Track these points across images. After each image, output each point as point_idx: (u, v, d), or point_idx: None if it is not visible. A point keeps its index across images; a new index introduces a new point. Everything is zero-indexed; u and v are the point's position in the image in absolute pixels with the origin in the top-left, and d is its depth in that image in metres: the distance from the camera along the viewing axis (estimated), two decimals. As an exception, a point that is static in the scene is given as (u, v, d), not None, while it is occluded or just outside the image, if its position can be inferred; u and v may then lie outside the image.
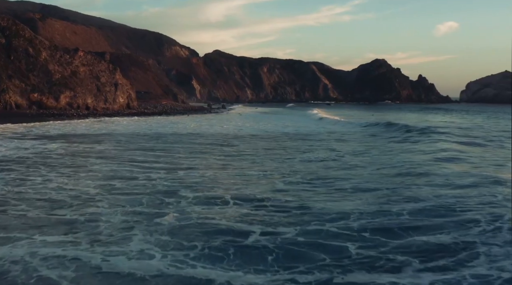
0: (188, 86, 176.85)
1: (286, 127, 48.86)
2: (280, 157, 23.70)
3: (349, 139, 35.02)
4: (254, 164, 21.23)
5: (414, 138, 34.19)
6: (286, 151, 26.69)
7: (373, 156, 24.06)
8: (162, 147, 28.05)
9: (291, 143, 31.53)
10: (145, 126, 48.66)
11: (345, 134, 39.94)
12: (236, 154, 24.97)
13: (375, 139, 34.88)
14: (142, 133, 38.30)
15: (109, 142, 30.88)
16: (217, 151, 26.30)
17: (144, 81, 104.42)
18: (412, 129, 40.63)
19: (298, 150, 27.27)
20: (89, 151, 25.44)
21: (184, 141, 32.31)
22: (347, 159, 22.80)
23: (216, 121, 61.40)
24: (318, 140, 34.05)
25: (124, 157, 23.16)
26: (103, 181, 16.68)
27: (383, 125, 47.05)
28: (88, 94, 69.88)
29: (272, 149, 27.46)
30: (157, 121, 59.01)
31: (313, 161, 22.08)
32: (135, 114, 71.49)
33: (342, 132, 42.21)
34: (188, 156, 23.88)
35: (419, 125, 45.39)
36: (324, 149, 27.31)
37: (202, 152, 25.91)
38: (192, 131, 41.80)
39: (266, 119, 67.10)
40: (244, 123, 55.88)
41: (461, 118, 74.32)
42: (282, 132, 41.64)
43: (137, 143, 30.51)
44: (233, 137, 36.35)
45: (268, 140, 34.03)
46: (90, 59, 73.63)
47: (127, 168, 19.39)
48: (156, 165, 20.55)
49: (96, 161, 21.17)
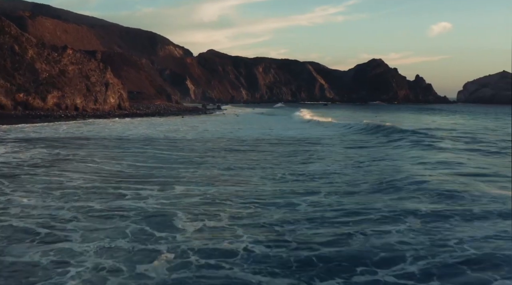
0: (182, 86, 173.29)
1: (288, 130, 45.68)
2: (294, 166, 20.51)
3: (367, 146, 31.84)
4: (266, 176, 18.03)
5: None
6: (297, 158, 23.48)
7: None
8: (155, 155, 24.77)
9: (300, 148, 28.32)
10: (137, 129, 45.34)
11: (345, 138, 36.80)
12: (243, 163, 21.75)
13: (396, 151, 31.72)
14: (132, 138, 34.98)
15: (94, 148, 27.54)
16: (220, 160, 23.06)
17: (137, 80, 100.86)
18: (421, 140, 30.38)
19: (311, 156, 24.09)
20: (69, 160, 22.10)
21: (181, 147, 29.01)
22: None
23: (212, 123, 58.15)
24: (327, 145, 30.86)
25: (109, 168, 19.91)
26: (81, 201, 13.47)
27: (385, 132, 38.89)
28: (77, 94, 66.38)
29: (283, 156, 24.25)
30: (149, 123, 55.67)
31: (328, 175, 18.86)
32: (127, 115, 68.04)
33: (343, 136, 39.05)
34: (187, 167, 20.62)
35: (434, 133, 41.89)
36: (339, 159, 24.11)
37: (202, 161, 22.69)
38: (188, 135, 38.52)
39: (264, 121, 63.89)
40: (244, 125, 52.68)
41: (472, 119, 69.96)
42: (287, 136, 38.43)
43: (126, 149, 27.19)
44: (237, 141, 33.08)
45: (278, 145, 30.80)
46: (80, 58, 70.10)
47: (112, 184, 16.14)
48: (148, 179, 17.36)
49: (74, 175, 17.85)
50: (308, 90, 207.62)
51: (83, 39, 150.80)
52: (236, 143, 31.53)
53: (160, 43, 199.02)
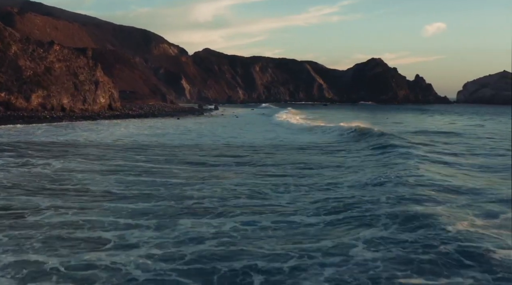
0: (177, 86, 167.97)
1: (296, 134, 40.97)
2: (323, 183, 15.81)
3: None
4: (299, 199, 13.37)
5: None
6: (326, 172, 18.74)
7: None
8: (150, 168, 20.01)
9: (321, 157, 23.58)
10: (128, 132, 40.48)
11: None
12: (262, 180, 17.04)
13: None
14: (122, 144, 30.14)
15: (74, 157, 22.71)
16: (231, 174, 18.37)
17: (130, 79, 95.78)
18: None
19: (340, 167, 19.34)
20: (40, 176, 17.35)
21: (181, 157, 24.23)
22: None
23: (213, 125, 53.39)
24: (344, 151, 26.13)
25: (89, 188, 15.27)
26: (41, 252, 8.91)
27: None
28: (64, 93, 61.30)
29: (307, 169, 19.52)
30: (142, 125, 50.80)
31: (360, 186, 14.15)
32: (118, 116, 63.09)
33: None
34: (191, 184, 16.00)
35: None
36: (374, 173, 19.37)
37: (210, 175, 17.99)
38: (188, 140, 33.70)
39: (268, 123, 59.17)
40: (248, 128, 47.94)
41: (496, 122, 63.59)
42: (299, 141, 33.66)
43: (113, 159, 22.41)
44: (247, 149, 28.32)
45: (294, 153, 26.06)
46: (67, 54, 65.01)
47: (90, 217, 11.48)
48: (141, 204, 12.78)
49: (43, 201, 13.13)
50: (306, 90, 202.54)
51: (74, 37, 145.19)
52: (248, 151, 26.72)
53: (155, 41, 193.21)
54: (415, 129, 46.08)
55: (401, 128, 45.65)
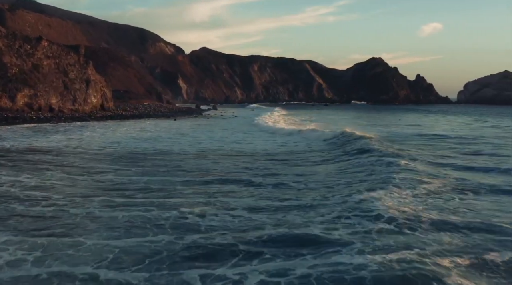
0: (173, 86, 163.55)
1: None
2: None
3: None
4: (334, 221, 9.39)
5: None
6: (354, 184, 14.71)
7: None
8: (145, 186, 15.97)
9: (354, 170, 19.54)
10: (120, 135, 36.39)
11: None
12: (284, 202, 13.05)
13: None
14: (114, 151, 26.04)
15: (53, 171, 18.63)
16: (246, 193, 14.39)
17: (124, 78, 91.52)
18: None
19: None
20: (4, 198, 13.35)
21: (183, 167, 20.18)
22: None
23: (214, 128, 49.32)
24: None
25: (66, 216, 11.54)
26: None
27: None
28: (53, 92, 57.08)
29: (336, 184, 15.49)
30: (136, 127, 46.68)
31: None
32: (111, 117, 58.97)
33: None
34: (196, 206, 12.12)
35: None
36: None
37: (219, 192, 13.98)
38: (189, 145, 29.63)
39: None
40: (253, 132, 43.90)
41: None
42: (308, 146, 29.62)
43: (101, 173, 18.35)
44: (259, 157, 24.28)
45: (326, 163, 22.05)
46: (57, 51, 60.77)
47: (59, 267, 7.83)
48: (130, 242, 9.11)
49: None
50: (306, 90, 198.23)
51: (67, 35, 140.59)
52: (261, 161, 22.63)
53: (151, 40, 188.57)
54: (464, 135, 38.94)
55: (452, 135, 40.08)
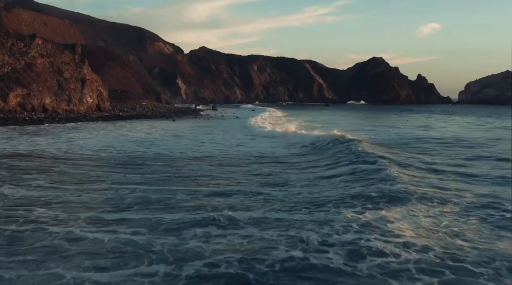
0: (172, 85, 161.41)
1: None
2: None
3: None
4: None
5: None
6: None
7: None
8: (143, 196, 13.85)
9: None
10: (117, 137, 34.25)
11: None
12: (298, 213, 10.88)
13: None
14: (110, 155, 23.90)
15: (38, 179, 16.48)
16: (254, 205, 12.26)
17: (122, 78, 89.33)
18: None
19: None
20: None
21: (186, 174, 18.04)
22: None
23: (216, 129, 47.17)
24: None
25: (44, 237, 9.66)
26: None
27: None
28: (47, 92, 54.90)
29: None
30: (132, 128, 44.52)
31: None
32: (107, 117, 56.81)
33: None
34: (198, 226, 10.07)
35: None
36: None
37: (224, 205, 11.84)
38: (189, 150, 27.49)
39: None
40: (258, 134, 41.73)
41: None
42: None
43: (94, 182, 16.20)
44: (268, 162, 22.14)
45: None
46: (51, 49, 58.60)
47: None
48: (114, 277, 6.98)
49: None
50: (306, 90, 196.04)
51: (64, 34, 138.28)
52: (269, 166, 20.47)
53: (149, 39, 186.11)
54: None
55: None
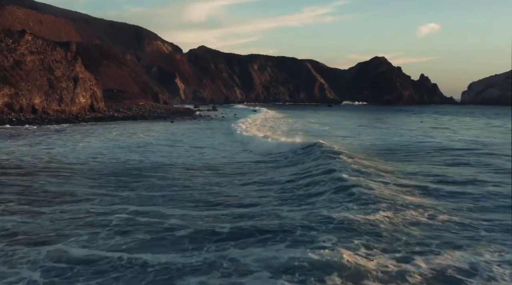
0: (171, 85, 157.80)
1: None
2: None
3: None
4: None
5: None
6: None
7: None
8: (129, 220, 10.61)
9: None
10: (109, 142, 30.93)
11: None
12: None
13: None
14: (98, 165, 20.55)
15: (11, 199, 13.15)
16: (273, 219, 8.92)
17: (118, 77, 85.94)
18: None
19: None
20: None
21: (183, 191, 14.70)
22: None
23: (215, 133, 43.85)
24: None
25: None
26: None
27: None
28: (36, 91, 51.53)
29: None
30: (127, 130, 41.18)
31: None
32: (101, 118, 53.45)
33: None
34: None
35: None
36: None
37: (235, 243, 8.60)
38: (190, 157, 24.19)
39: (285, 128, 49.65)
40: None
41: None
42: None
43: (75, 203, 12.86)
44: (284, 170, 18.82)
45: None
46: (41, 46, 55.21)
47: None
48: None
49: None
50: (307, 89, 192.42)
51: (60, 32, 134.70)
52: (284, 178, 17.06)
53: (147, 38, 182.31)
54: None
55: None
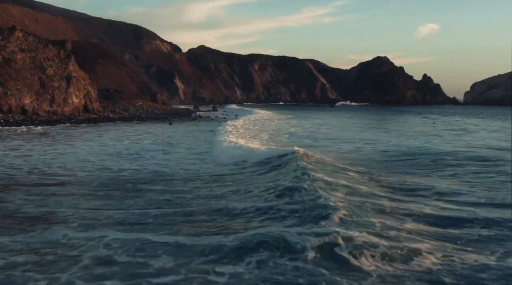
0: (170, 85, 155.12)
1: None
2: None
3: None
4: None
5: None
6: None
7: None
8: (108, 255, 7.83)
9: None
10: (100, 147, 28.18)
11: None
12: None
13: None
14: (85, 177, 17.73)
15: None
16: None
17: (115, 76, 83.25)
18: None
19: None
20: None
21: (188, 205, 11.89)
22: None
23: (217, 136, 41.02)
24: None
25: None
26: None
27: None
28: (27, 91, 48.76)
29: None
30: (124, 133, 38.41)
31: None
32: (95, 120, 50.67)
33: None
34: None
35: None
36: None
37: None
38: (191, 165, 21.42)
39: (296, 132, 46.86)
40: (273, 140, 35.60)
41: None
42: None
43: (49, 228, 10.09)
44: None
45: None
46: (33, 43, 52.47)
47: None
48: None
49: None
50: (308, 90, 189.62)
51: (57, 31, 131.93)
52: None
53: (146, 37, 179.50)
54: None
55: None
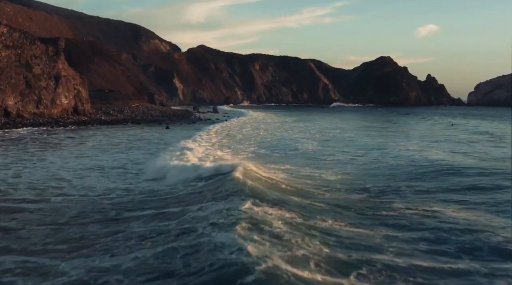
0: (169, 85, 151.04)
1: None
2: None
3: None
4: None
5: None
6: None
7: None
8: None
9: None
10: (84, 159, 24.17)
11: None
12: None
13: None
14: (54, 203, 13.70)
15: None
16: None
17: (110, 76, 79.19)
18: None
19: None
20: None
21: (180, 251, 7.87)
22: None
23: (222, 141, 37.00)
24: None
25: None
26: None
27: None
28: (11, 91, 44.66)
29: None
30: (114, 139, 34.38)
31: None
32: (85, 122, 46.58)
33: None
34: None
35: None
36: None
37: None
38: (191, 183, 17.36)
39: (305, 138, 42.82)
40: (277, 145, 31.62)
41: None
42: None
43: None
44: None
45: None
46: (18, 39, 48.40)
47: None
48: None
49: None
50: (310, 90, 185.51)
51: (52, 30, 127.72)
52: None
53: (145, 36, 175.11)
54: None
55: None
